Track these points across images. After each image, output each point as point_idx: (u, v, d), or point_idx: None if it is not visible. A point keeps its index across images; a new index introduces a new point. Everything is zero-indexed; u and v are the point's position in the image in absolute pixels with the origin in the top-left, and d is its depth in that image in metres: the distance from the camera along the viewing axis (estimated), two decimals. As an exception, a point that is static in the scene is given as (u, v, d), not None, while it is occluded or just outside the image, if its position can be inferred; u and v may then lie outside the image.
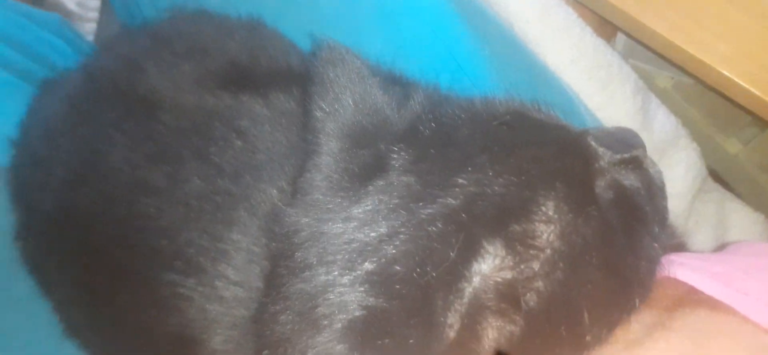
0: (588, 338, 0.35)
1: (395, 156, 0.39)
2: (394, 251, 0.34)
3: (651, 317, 0.40)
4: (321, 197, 0.40)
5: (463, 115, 0.40)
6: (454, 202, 0.35)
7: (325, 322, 0.34)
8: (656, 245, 0.39)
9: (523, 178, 0.36)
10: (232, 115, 0.55)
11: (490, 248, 0.34)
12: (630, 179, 0.40)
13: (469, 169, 0.36)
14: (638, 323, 0.39)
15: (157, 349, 0.53)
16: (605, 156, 0.40)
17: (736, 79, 0.58)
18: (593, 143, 0.40)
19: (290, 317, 0.37)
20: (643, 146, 0.41)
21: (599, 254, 0.35)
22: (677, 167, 0.86)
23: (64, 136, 0.62)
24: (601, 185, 0.38)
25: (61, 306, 0.62)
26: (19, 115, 0.71)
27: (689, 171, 0.86)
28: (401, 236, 0.34)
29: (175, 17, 0.66)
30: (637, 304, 0.38)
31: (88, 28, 1.15)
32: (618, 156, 0.40)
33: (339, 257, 0.36)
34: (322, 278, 0.36)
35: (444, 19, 0.64)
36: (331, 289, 0.35)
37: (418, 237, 0.34)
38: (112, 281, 0.56)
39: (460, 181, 0.36)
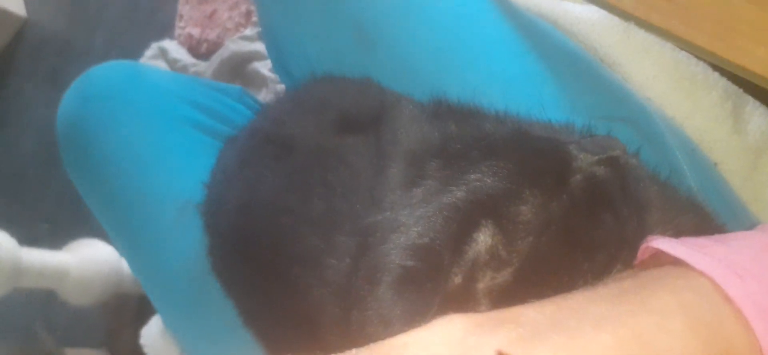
0: (565, 281, 0.48)
1: (430, 168, 0.55)
2: (419, 229, 0.50)
3: (631, 278, 0.50)
4: (387, 200, 0.58)
5: (479, 137, 0.55)
6: (459, 194, 0.50)
7: (379, 279, 0.51)
8: (624, 221, 0.50)
9: (511, 175, 0.50)
10: (343, 151, 0.75)
11: (485, 224, 0.49)
12: (603, 173, 0.51)
13: (474, 172, 0.51)
14: (617, 281, 0.50)
15: (296, 328, 0.73)
16: (584, 158, 0.52)
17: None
18: (573, 150, 0.52)
19: (364, 281, 0.54)
20: (622, 149, 0.52)
21: (564, 225, 0.48)
22: (776, 167, 0.89)
23: (235, 177, 0.86)
24: (576, 178, 0.51)
25: (238, 303, 0.85)
26: (210, 166, 0.97)
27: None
28: (426, 219, 0.51)
29: (308, 82, 0.88)
30: (604, 265, 0.49)
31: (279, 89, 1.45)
32: (595, 157, 0.52)
33: (388, 236, 0.53)
34: (381, 248, 0.53)
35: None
36: (385, 256, 0.52)
37: (436, 219, 0.50)
38: (268, 279, 0.78)
39: (466, 178, 0.51)
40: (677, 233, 0.58)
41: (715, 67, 0.88)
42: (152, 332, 1.77)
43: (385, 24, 0.84)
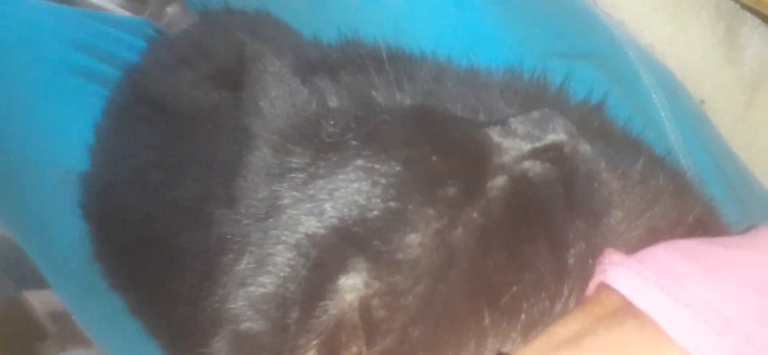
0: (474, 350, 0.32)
1: (293, 162, 0.38)
2: (266, 269, 0.34)
3: (579, 324, 0.35)
4: (244, 205, 0.41)
5: (362, 114, 0.38)
6: (320, 215, 0.34)
7: (213, 331, 0.35)
8: (574, 237, 0.34)
9: (396, 183, 0.33)
10: (221, 116, 0.57)
11: (353, 264, 0.32)
12: (539, 172, 0.35)
13: (345, 173, 0.34)
14: (566, 327, 0.35)
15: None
16: (510, 150, 0.35)
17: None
18: (496, 137, 0.35)
19: (204, 324, 0.38)
20: (566, 130, 0.35)
21: (473, 264, 0.32)
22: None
23: (104, 145, 0.68)
24: (497, 183, 0.34)
25: (121, 293, 0.70)
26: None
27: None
28: (273, 256, 0.34)
29: (193, 23, 0.69)
30: (533, 322, 0.33)
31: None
32: (528, 147, 0.35)
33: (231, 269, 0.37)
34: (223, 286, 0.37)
35: None
36: (223, 302, 0.36)
37: (284, 256, 0.34)
38: (145, 273, 0.62)
39: (334, 185, 0.34)
40: (649, 232, 0.42)
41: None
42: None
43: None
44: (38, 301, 1.53)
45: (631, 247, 0.41)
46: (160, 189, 0.59)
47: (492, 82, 0.49)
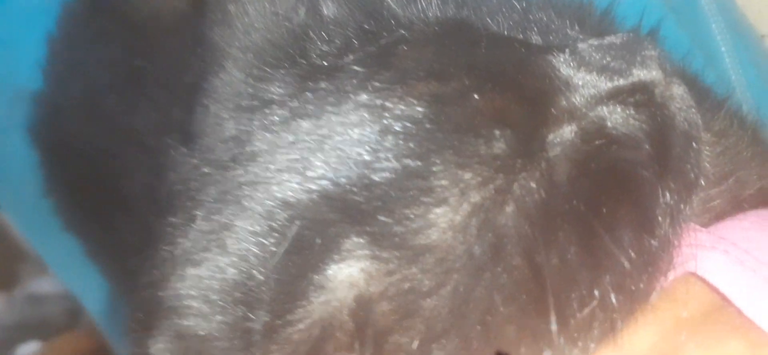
0: None
1: (273, 94, 0.27)
2: (230, 248, 0.24)
3: (658, 334, 0.25)
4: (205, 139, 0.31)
5: (373, 27, 0.27)
6: (299, 186, 0.23)
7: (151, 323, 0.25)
8: (662, 215, 0.24)
9: (412, 136, 0.22)
10: (188, 23, 0.47)
11: (351, 245, 0.22)
12: (621, 122, 0.24)
13: (342, 114, 0.24)
14: (638, 338, 0.25)
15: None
16: (583, 87, 0.24)
17: None
18: (563, 68, 0.24)
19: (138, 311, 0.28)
20: (660, 65, 0.25)
21: (529, 252, 0.22)
22: None
23: (56, 61, 0.58)
24: (563, 134, 0.24)
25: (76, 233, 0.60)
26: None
27: None
28: (235, 229, 0.24)
29: None
30: (615, 320, 0.23)
31: None
32: (608, 85, 0.24)
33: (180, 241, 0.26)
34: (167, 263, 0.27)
35: None
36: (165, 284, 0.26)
37: (259, 232, 0.23)
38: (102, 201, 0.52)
39: (327, 129, 0.24)
40: (730, 201, 0.33)
41: None
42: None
43: None
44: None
45: (709, 219, 0.32)
46: (113, 116, 0.48)
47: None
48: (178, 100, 0.43)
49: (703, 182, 0.29)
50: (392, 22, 0.27)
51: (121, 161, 0.48)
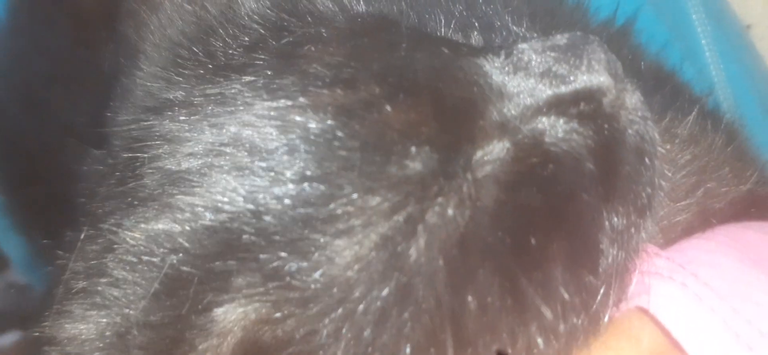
0: None
1: (171, 92, 0.24)
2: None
3: None
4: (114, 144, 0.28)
5: (287, 23, 0.24)
6: (184, 214, 0.20)
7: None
8: (608, 244, 0.21)
9: (316, 153, 0.19)
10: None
11: (239, 289, 0.19)
12: (562, 137, 0.21)
13: (231, 125, 0.20)
14: None
15: None
16: (518, 96, 0.21)
17: None
18: (495, 74, 0.21)
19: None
20: (609, 69, 0.21)
21: (441, 293, 0.18)
22: None
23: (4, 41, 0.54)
24: (493, 152, 0.20)
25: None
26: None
27: None
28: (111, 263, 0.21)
29: None
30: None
31: None
32: (547, 93, 0.21)
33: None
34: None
35: None
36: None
37: (129, 260, 0.20)
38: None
39: (227, 138, 0.20)
40: (698, 215, 0.31)
41: None
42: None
43: None
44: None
45: (675, 236, 0.29)
46: (56, 111, 0.45)
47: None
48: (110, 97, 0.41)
49: (663, 199, 0.26)
50: (308, 17, 0.24)
51: (61, 160, 0.45)
